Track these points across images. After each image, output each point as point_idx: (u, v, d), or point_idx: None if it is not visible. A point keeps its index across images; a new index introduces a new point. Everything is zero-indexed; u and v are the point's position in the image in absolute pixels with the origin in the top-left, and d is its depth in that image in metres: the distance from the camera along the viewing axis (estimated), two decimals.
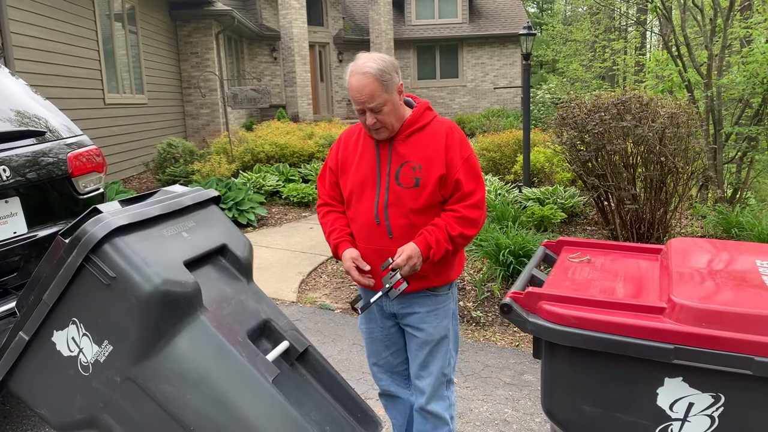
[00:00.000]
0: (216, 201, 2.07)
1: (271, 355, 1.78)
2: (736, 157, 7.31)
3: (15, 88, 3.17)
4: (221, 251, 1.94)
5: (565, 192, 6.67)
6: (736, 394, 1.59)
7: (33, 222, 2.86)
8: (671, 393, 1.64)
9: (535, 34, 7.54)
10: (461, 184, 2.10)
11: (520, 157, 8.19)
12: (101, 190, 3.32)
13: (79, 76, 8.30)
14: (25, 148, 2.87)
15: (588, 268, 2.13)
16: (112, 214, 1.65)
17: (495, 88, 19.79)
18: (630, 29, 21.54)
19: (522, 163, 7.74)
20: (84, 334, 1.64)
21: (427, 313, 2.23)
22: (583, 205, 6.61)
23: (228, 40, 15.36)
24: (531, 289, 1.84)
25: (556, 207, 6.26)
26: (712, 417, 1.62)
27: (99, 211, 1.70)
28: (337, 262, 5.83)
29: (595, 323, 1.68)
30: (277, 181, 8.54)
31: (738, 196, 6.94)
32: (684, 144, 5.23)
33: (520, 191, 7.04)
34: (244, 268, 1.97)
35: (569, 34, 22.66)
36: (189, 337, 1.64)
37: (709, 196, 6.99)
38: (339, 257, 2.23)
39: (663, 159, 5.08)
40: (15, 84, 3.21)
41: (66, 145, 3.11)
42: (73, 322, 1.65)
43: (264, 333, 1.88)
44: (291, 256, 6.04)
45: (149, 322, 1.59)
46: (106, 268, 1.57)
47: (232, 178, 8.55)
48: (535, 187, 7.43)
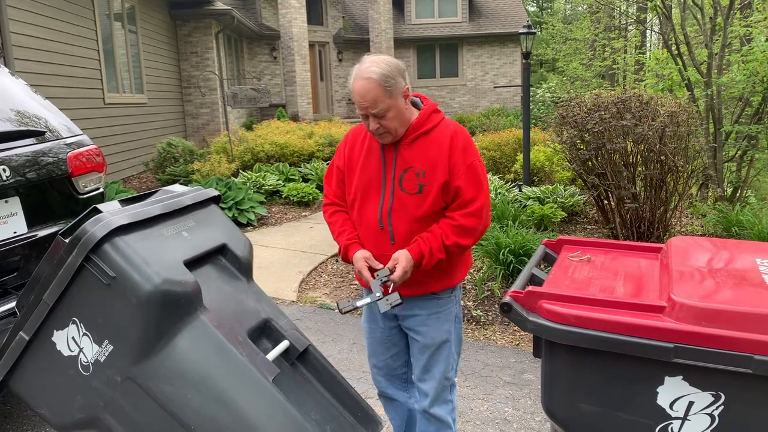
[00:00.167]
0: (216, 200, 2.07)
1: (272, 355, 1.78)
2: (736, 155, 7.31)
3: (15, 87, 3.17)
4: (221, 251, 1.94)
5: (565, 191, 6.67)
6: (736, 393, 1.59)
7: (33, 222, 2.86)
8: (671, 392, 1.64)
9: (534, 33, 7.54)
10: (461, 191, 2.05)
11: (520, 156, 8.19)
12: (101, 190, 3.32)
13: (78, 75, 8.30)
14: (25, 148, 2.87)
15: (588, 267, 2.13)
16: (112, 213, 1.65)
17: (495, 87, 19.78)
18: (630, 28, 21.53)
19: (522, 162, 7.74)
20: (84, 334, 1.64)
21: (428, 315, 2.20)
22: (583, 203, 6.61)
23: (228, 40, 15.36)
24: (531, 288, 1.84)
25: (556, 206, 6.26)
26: (712, 415, 1.62)
27: (99, 211, 1.70)
28: (337, 261, 5.82)
29: (595, 322, 1.68)
30: (277, 180, 8.54)
31: (738, 194, 6.94)
32: (684, 143, 5.23)
33: (520, 190, 7.04)
34: (244, 268, 1.97)
35: (569, 33, 22.65)
36: (189, 336, 1.64)
37: (709, 194, 6.99)
38: (349, 259, 2.17)
39: (663, 158, 5.08)
40: (15, 84, 3.21)
41: (66, 144, 3.11)
42: (74, 322, 1.65)
43: (264, 332, 1.88)
44: (291, 255, 6.04)
45: (149, 321, 1.59)
46: (106, 267, 1.57)
47: (232, 178, 8.55)
48: (535, 186, 7.43)
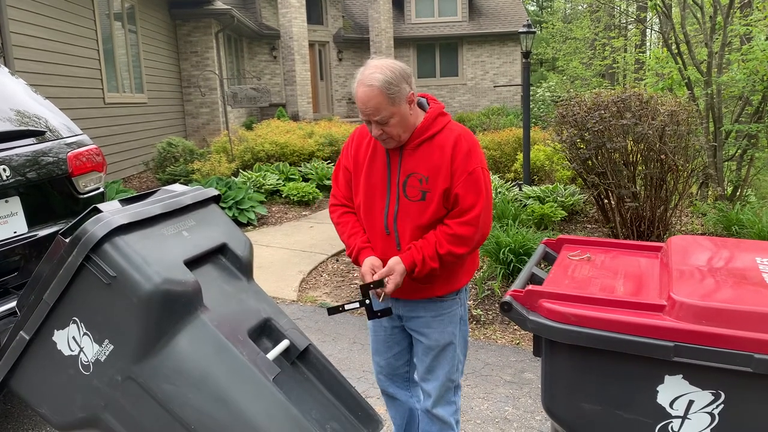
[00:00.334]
0: (216, 200, 2.07)
1: (272, 354, 1.79)
2: (737, 154, 7.31)
3: (15, 87, 3.17)
4: (221, 250, 1.94)
5: (565, 190, 6.67)
6: (736, 392, 1.59)
7: (33, 221, 2.87)
8: (671, 390, 1.64)
9: (534, 32, 7.54)
10: (459, 199, 2.02)
11: (520, 156, 8.20)
12: (101, 190, 3.32)
13: (78, 75, 8.30)
14: (25, 148, 2.87)
15: (588, 266, 2.13)
16: (113, 213, 1.65)
17: (495, 87, 19.78)
18: (630, 27, 21.54)
19: (522, 162, 7.74)
20: (84, 334, 1.64)
21: (432, 318, 2.18)
22: (584, 203, 6.61)
23: (228, 39, 15.35)
24: (531, 287, 1.84)
25: (556, 205, 6.27)
26: (712, 414, 1.62)
27: (99, 211, 1.70)
28: (338, 260, 5.83)
29: (595, 321, 1.68)
30: (278, 180, 8.54)
31: (738, 193, 6.94)
32: (684, 142, 5.23)
33: (521, 189, 7.04)
34: (244, 267, 1.97)
35: (569, 32, 22.63)
36: (189, 336, 1.64)
37: (710, 193, 6.99)
38: (359, 263, 2.15)
39: (663, 157, 5.08)
40: (15, 83, 3.21)
41: (66, 144, 3.11)
42: (74, 322, 1.65)
43: (264, 332, 1.88)
44: (291, 254, 6.04)
45: (150, 321, 1.59)
46: (107, 267, 1.57)
47: (232, 177, 8.55)
48: (536, 185, 7.43)
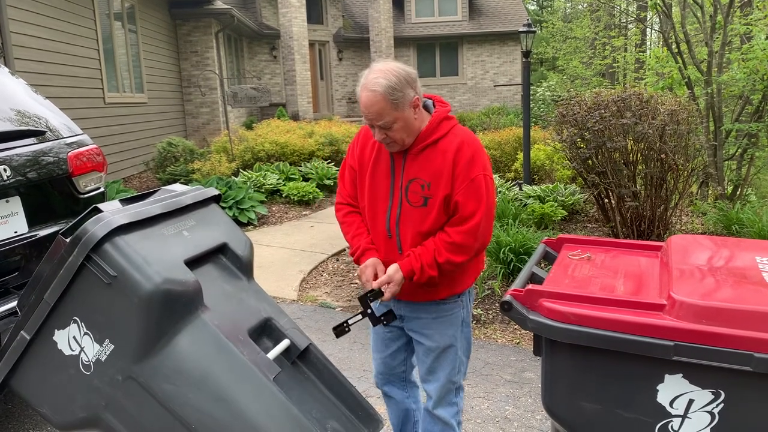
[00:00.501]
0: (216, 200, 2.07)
1: (272, 354, 1.79)
2: (737, 153, 7.31)
3: (15, 87, 3.18)
4: (222, 250, 1.94)
5: (565, 189, 6.67)
6: (736, 391, 1.59)
7: (34, 221, 2.87)
8: (671, 390, 1.65)
9: (534, 32, 7.54)
10: (459, 206, 1.99)
11: (521, 155, 8.20)
12: (102, 190, 3.32)
13: (79, 75, 8.30)
14: (25, 148, 2.87)
15: (588, 265, 2.13)
16: (113, 213, 1.65)
17: (495, 86, 19.78)
18: (630, 26, 21.52)
19: (522, 161, 7.74)
20: (85, 333, 1.64)
21: (432, 319, 2.17)
22: (584, 202, 6.61)
23: (228, 39, 15.35)
24: (531, 286, 1.84)
25: (556, 204, 6.27)
26: (712, 413, 1.62)
27: (99, 211, 1.70)
28: (338, 260, 5.83)
29: (595, 320, 1.68)
30: (278, 179, 8.54)
31: (738, 192, 6.94)
32: (684, 141, 5.23)
33: (521, 189, 7.04)
34: (244, 267, 1.97)
35: (569, 32, 22.62)
36: (190, 335, 1.64)
37: (710, 193, 6.99)
38: (360, 264, 2.15)
39: (663, 156, 5.08)
40: (15, 83, 3.21)
41: (66, 144, 3.11)
42: (75, 321, 1.65)
43: (265, 331, 1.88)
44: (292, 254, 6.05)
45: (150, 320, 1.59)
46: (107, 267, 1.58)
47: (233, 177, 8.55)
48: (536, 184, 7.43)
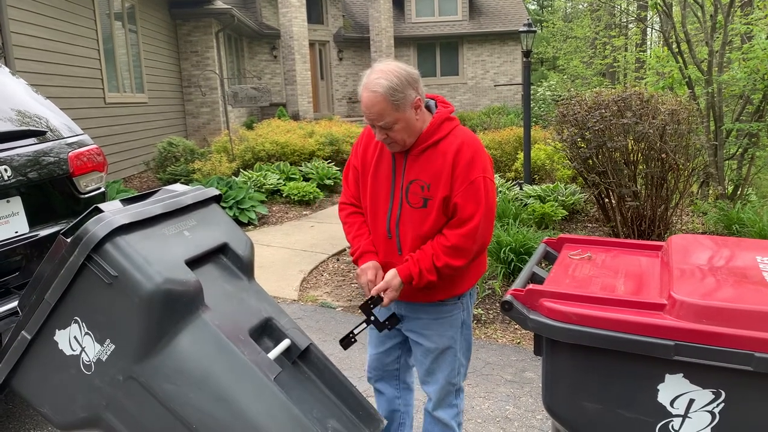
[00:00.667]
0: (217, 200, 2.07)
1: (273, 354, 1.79)
2: (737, 153, 7.31)
3: (16, 87, 3.18)
4: (222, 250, 1.94)
5: (565, 189, 6.67)
6: (737, 391, 1.59)
7: (34, 221, 2.87)
8: (672, 389, 1.65)
9: (535, 32, 7.54)
10: (458, 209, 1.98)
11: (521, 155, 8.20)
12: (102, 190, 3.33)
13: (79, 75, 8.30)
14: (26, 148, 2.87)
15: (589, 265, 2.13)
16: (114, 213, 1.65)
17: (495, 86, 19.78)
18: (630, 26, 21.52)
19: (523, 161, 7.74)
20: (86, 333, 1.64)
21: (431, 320, 2.17)
22: (584, 202, 6.61)
23: (228, 39, 15.35)
24: (532, 286, 1.84)
25: (557, 204, 6.27)
26: (712, 413, 1.62)
27: (100, 211, 1.70)
28: (338, 260, 5.83)
29: (596, 320, 1.68)
30: (278, 179, 8.54)
31: (739, 192, 6.94)
32: (685, 141, 5.23)
33: (521, 188, 7.04)
34: (245, 267, 1.97)
35: (570, 31, 22.61)
36: (191, 335, 1.64)
37: (710, 192, 6.98)
38: (359, 262, 2.16)
39: (664, 156, 5.08)
40: (16, 83, 3.22)
41: (67, 144, 3.11)
42: (75, 321, 1.65)
43: (265, 331, 1.88)
44: (292, 254, 6.05)
45: (151, 320, 1.59)
46: (108, 267, 1.58)
47: (233, 177, 8.55)
48: (536, 184, 7.43)
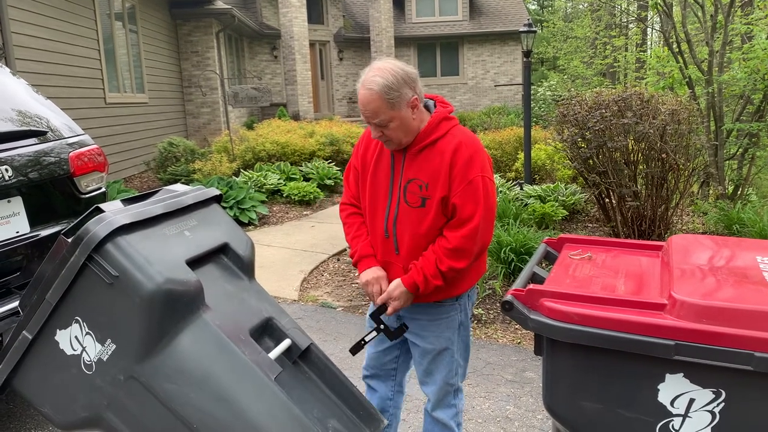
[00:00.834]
0: (217, 200, 2.07)
1: (274, 353, 1.79)
2: (738, 153, 7.31)
3: (16, 87, 3.18)
4: (223, 250, 1.94)
5: (566, 189, 6.67)
6: (737, 390, 1.59)
7: (35, 221, 2.87)
8: (672, 389, 1.65)
9: (535, 32, 7.54)
10: (458, 209, 1.98)
11: (521, 155, 8.20)
12: (103, 190, 3.33)
13: (79, 75, 8.31)
14: (26, 148, 2.88)
15: (589, 265, 2.13)
16: (115, 213, 1.66)
17: (496, 86, 19.77)
18: (631, 26, 21.52)
19: (523, 161, 7.74)
20: (87, 333, 1.64)
21: (428, 321, 2.17)
22: (585, 202, 6.61)
23: (228, 39, 15.36)
24: (532, 286, 1.84)
25: (557, 204, 6.27)
26: (712, 413, 1.63)
27: (101, 211, 1.70)
28: (338, 260, 5.83)
29: (596, 320, 1.69)
30: (279, 179, 8.54)
31: (739, 192, 6.94)
32: (685, 141, 5.23)
33: (522, 188, 7.04)
34: (246, 267, 1.97)
35: (570, 31, 22.61)
36: (191, 335, 1.64)
37: (711, 192, 6.99)
38: (358, 268, 2.17)
39: (664, 156, 5.08)
40: (16, 84, 3.22)
41: (68, 144, 3.12)
42: (76, 321, 1.65)
43: (266, 331, 1.89)
44: (292, 254, 6.05)
45: (152, 320, 1.59)
46: (109, 267, 1.58)
47: (234, 177, 8.56)
48: (537, 184, 7.43)
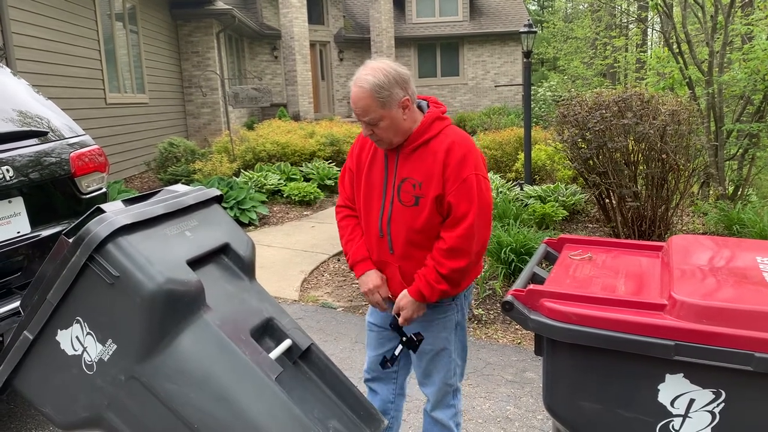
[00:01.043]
0: (218, 200, 2.07)
1: (274, 354, 1.79)
2: (738, 153, 7.31)
3: (17, 88, 3.18)
4: (224, 250, 1.94)
5: (566, 190, 6.67)
6: (737, 390, 1.59)
7: (36, 222, 2.88)
8: (672, 389, 1.65)
9: (535, 32, 7.55)
10: (452, 207, 1.98)
11: (522, 155, 8.20)
12: (104, 190, 3.33)
13: (80, 75, 8.31)
14: (27, 149, 2.88)
15: (589, 265, 2.14)
16: (116, 213, 1.66)
17: (496, 86, 19.77)
18: (631, 26, 21.52)
19: (523, 161, 7.74)
20: (88, 333, 1.65)
21: (426, 322, 2.18)
22: (585, 202, 6.61)
23: (229, 39, 15.36)
24: (532, 286, 1.84)
25: (557, 204, 6.27)
26: (712, 413, 1.63)
27: (102, 211, 1.70)
28: (339, 260, 5.83)
29: (596, 320, 1.69)
30: (279, 179, 8.55)
31: (739, 193, 6.94)
32: (685, 141, 5.23)
33: (522, 189, 7.05)
34: (246, 267, 1.97)
35: (570, 32, 22.60)
36: (192, 335, 1.65)
37: (711, 193, 6.99)
38: (355, 273, 2.18)
39: (664, 156, 5.08)
40: (17, 84, 3.22)
41: (68, 145, 3.12)
42: (77, 321, 1.65)
43: (267, 331, 1.89)
44: (293, 254, 6.05)
45: (153, 320, 1.59)
46: (110, 267, 1.58)
47: (234, 177, 8.56)
48: (537, 184, 7.43)
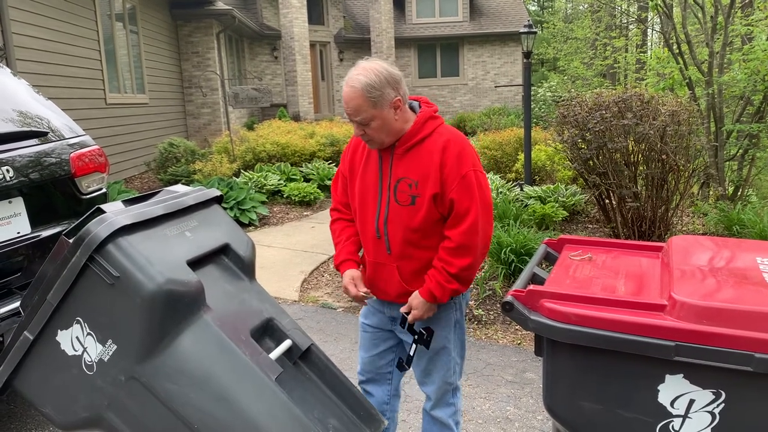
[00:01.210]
0: (218, 200, 2.07)
1: (274, 354, 1.79)
2: (738, 154, 7.31)
3: (17, 88, 3.18)
4: (224, 250, 1.95)
5: (566, 190, 6.67)
6: (737, 391, 1.60)
7: (36, 222, 2.88)
8: (672, 390, 1.65)
9: (535, 32, 7.55)
10: (455, 204, 1.99)
11: (522, 156, 8.20)
12: (104, 190, 3.33)
13: (80, 76, 8.31)
14: (28, 149, 2.88)
15: (589, 265, 2.14)
16: (116, 213, 1.66)
17: (496, 87, 19.77)
18: (631, 27, 21.52)
19: (523, 162, 7.74)
20: (88, 334, 1.65)
21: (425, 321, 2.17)
22: (585, 203, 6.61)
23: (229, 40, 15.37)
24: (532, 287, 1.84)
25: (557, 205, 6.27)
26: (712, 413, 1.63)
27: (102, 211, 1.70)
28: None
29: (596, 321, 1.69)
30: (279, 180, 8.55)
31: (739, 193, 6.94)
32: (685, 141, 5.23)
33: (522, 189, 7.05)
34: (246, 267, 1.98)
35: (570, 32, 22.60)
36: (192, 335, 1.65)
37: (711, 193, 6.99)
38: (341, 272, 2.22)
39: (664, 157, 5.08)
40: (17, 84, 3.22)
41: (68, 145, 3.12)
42: (78, 322, 1.65)
43: (267, 332, 1.89)
44: (293, 255, 6.05)
45: (153, 321, 1.59)
46: (110, 267, 1.58)
47: (234, 178, 8.56)
48: (537, 185, 7.43)
